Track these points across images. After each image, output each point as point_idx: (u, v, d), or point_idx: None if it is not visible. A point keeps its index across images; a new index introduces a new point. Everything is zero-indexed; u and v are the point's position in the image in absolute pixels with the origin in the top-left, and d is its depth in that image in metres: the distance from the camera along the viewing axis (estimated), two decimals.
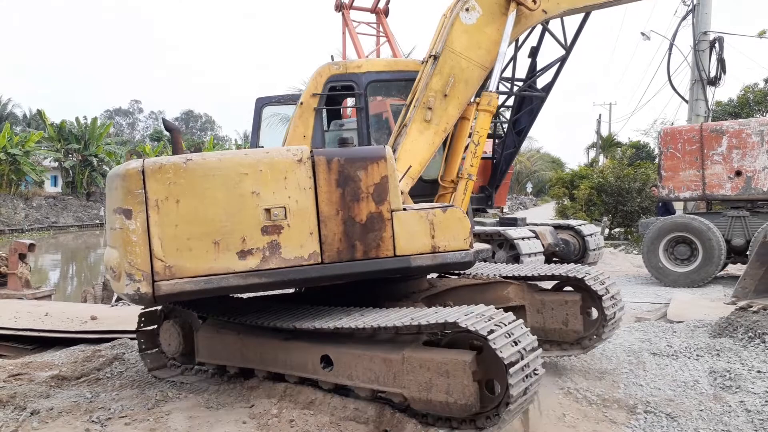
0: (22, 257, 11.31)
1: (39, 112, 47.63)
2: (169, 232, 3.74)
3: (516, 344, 3.36)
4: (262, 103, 8.88)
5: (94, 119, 46.93)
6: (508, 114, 10.98)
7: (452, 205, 4.50)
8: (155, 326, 5.40)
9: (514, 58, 10.17)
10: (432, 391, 3.46)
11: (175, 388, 4.84)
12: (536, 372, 3.41)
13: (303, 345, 4.23)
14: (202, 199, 3.79)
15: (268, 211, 3.86)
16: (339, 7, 17.24)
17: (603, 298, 4.71)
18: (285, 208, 3.88)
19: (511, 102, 11.00)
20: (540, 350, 3.55)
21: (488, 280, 5.01)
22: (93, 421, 4.20)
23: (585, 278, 4.73)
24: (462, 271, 5.13)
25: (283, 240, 3.89)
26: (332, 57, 6.90)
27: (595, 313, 4.90)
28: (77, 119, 46.34)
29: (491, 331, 3.29)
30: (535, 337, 3.58)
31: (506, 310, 4.94)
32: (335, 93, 8.40)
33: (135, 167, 3.76)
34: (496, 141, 11.58)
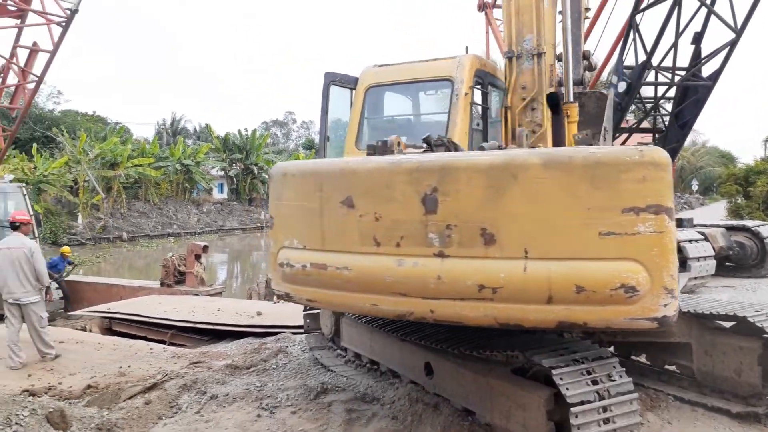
0: (197, 258, 12.57)
1: (206, 126, 52.57)
2: None
3: (594, 383, 2.94)
4: (329, 80, 7.06)
5: (254, 131, 50.84)
6: (669, 106, 10.19)
7: None
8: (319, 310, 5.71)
9: (675, 45, 9.44)
10: (510, 422, 3.27)
11: (333, 380, 5.11)
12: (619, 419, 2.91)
13: (412, 348, 4.24)
14: None
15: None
16: (482, 7, 17.14)
17: None
18: None
19: (672, 93, 10.19)
20: (635, 395, 2.98)
21: None
22: (263, 408, 4.57)
23: (750, 317, 3.82)
24: None
25: None
26: (467, 49, 6.51)
27: None
28: (239, 131, 50.50)
29: (559, 366, 2.95)
30: (630, 379, 3.02)
31: (668, 346, 4.51)
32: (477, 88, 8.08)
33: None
34: (656, 136, 10.78)
